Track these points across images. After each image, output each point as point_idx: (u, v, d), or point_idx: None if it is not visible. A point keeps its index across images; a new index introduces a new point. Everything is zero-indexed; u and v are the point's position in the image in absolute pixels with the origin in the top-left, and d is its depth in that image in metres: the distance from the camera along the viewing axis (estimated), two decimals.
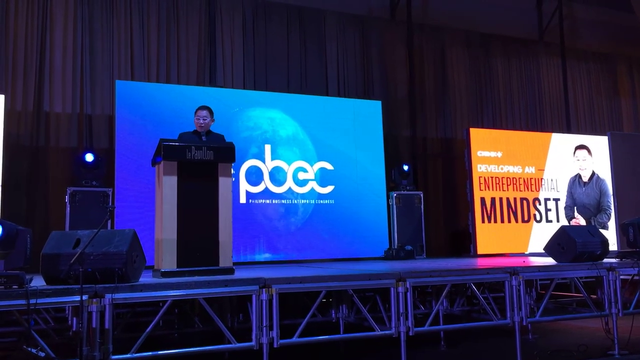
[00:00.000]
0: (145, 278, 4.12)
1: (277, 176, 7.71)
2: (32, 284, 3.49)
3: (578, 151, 9.50)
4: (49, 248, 3.73)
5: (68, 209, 6.39)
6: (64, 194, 6.48)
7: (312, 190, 7.87)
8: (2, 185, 6.21)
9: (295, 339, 4.17)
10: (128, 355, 3.65)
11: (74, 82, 7.34)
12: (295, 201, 7.75)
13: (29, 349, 3.49)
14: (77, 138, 7.27)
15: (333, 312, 5.64)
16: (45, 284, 3.67)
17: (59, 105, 7.25)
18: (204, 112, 5.06)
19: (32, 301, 3.34)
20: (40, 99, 7.16)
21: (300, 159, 7.88)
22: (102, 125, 7.41)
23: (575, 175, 9.40)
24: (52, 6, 7.33)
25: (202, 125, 5.03)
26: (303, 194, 7.81)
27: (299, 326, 4.23)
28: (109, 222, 6.17)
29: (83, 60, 7.40)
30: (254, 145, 7.66)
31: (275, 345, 4.00)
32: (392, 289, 4.47)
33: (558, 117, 10.69)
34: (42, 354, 3.46)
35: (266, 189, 7.62)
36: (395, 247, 7.88)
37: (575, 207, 9.28)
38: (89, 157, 6.64)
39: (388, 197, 8.22)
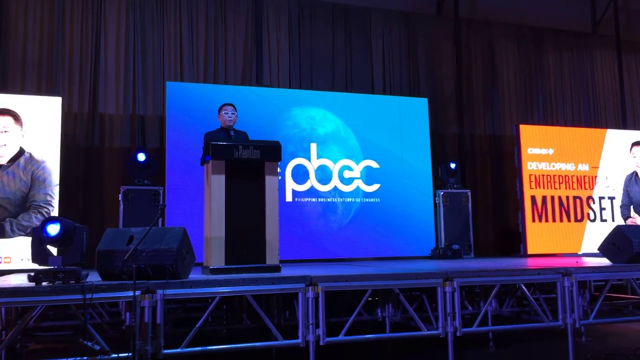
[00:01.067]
0: (195, 275, 4.22)
1: (322, 174, 7.74)
2: (88, 280, 3.63)
3: (635, 147, 9.13)
4: (104, 245, 3.86)
5: (121, 206, 6.60)
6: (117, 192, 6.71)
7: (358, 188, 7.86)
8: (59, 184, 6.48)
9: (341, 337, 4.18)
10: (179, 350, 3.75)
11: (127, 84, 7.58)
12: (341, 199, 7.76)
13: (85, 342, 3.62)
14: (129, 138, 7.51)
15: (379, 310, 5.63)
16: (100, 279, 3.81)
17: (113, 106, 7.50)
18: (231, 108, 5.14)
19: (88, 296, 3.47)
20: (95, 101, 7.43)
21: (346, 157, 7.88)
22: (154, 126, 7.62)
23: (632, 173, 9.05)
24: (105, 12, 7.59)
25: (231, 120, 5.10)
26: (349, 192, 7.81)
27: (345, 324, 4.24)
28: (160, 219, 6.37)
29: (135, 63, 7.64)
30: (299, 143, 7.71)
31: (321, 343, 4.03)
32: (439, 288, 4.42)
33: (614, 112, 10.31)
34: (97, 347, 3.59)
35: (312, 188, 7.66)
36: (442, 246, 7.79)
37: (631, 206, 8.93)
38: (141, 157, 6.83)
39: (435, 195, 8.12)
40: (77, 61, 7.42)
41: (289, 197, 7.52)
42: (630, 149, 9.13)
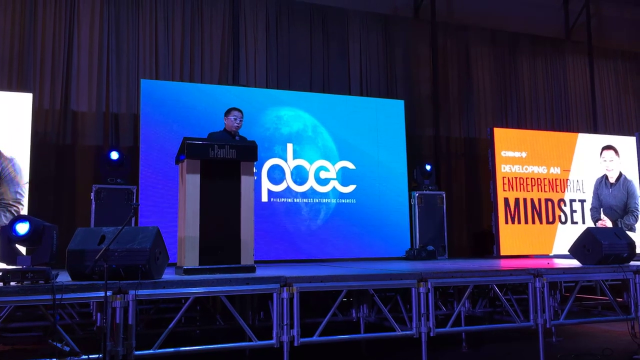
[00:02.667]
0: (168, 275, 4.17)
1: (299, 175, 7.73)
2: (57, 280, 3.56)
3: (605, 152, 9.33)
4: (75, 244, 3.79)
5: (93, 206, 6.49)
6: (89, 191, 6.59)
7: (334, 189, 7.87)
8: (29, 183, 6.34)
9: (315, 338, 4.18)
10: (151, 351, 3.70)
11: (100, 81, 7.46)
12: (317, 200, 7.76)
13: (54, 343, 3.55)
14: (102, 136, 7.39)
15: (354, 311, 5.64)
16: (70, 279, 3.74)
17: (85, 104, 7.37)
18: (240, 114, 5.19)
19: (58, 296, 3.40)
20: (67, 97, 7.30)
21: (322, 158, 7.88)
22: (127, 124, 7.51)
23: (602, 176, 9.24)
24: (79, 7, 7.46)
25: (238, 126, 5.14)
26: (325, 193, 7.81)
27: (319, 325, 4.24)
28: (133, 219, 6.29)
29: (109, 60, 7.52)
30: (276, 144, 7.68)
31: (295, 344, 4.01)
32: (413, 289, 4.44)
33: (585, 116, 10.52)
34: (67, 349, 3.52)
35: (288, 188, 7.64)
36: (417, 247, 7.84)
37: (601, 209, 9.12)
38: (114, 155, 6.73)
39: (410, 196, 8.17)
40: (49, 57, 7.27)
41: (264, 198, 7.49)
42: (601, 153, 9.32)
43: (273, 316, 4.04)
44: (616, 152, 9.38)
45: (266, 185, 7.52)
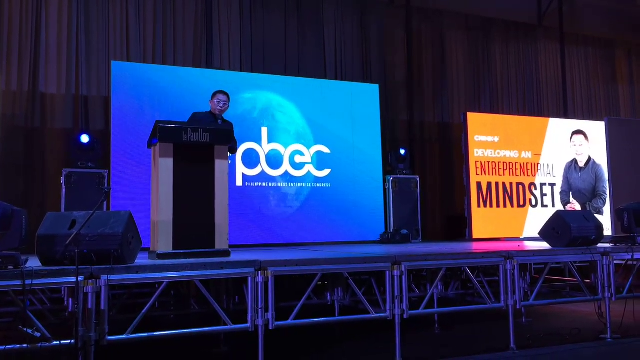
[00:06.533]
0: (141, 260, 4.13)
1: (273, 159, 7.69)
2: (27, 265, 3.49)
3: (575, 136, 9.51)
4: (45, 229, 3.72)
5: (64, 190, 6.38)
6: (59, 175, 6.47)
7: (309, 173, 7.87)
8: None
9: (290, 321, 4.19)
10: (124, 336, 3.66)
11: (69, 62, 7.28)
12: (292, 184, 7.75)
13: (25, 329, 3.49)
14: (72, 119, 7.24)
15: (328, 294, 5.67)
16: (40, 264, 3.67)
17: (54, 86, 7.20)
18: (225, 97, 5.23)
19: (28, 282, 3.33)
20: (36, 79, 7.11)
21: (297, 142, 7.86)
22: (98, 107, 7.37)
23: (572, 161, 9.42)
24: None
25: (222, 109, 5.17)
26: (299, 177, 7.80)
27: (294, 308, 4.25)
28: (105, 203, 6.20)
29: (79, 41, 7.34)
30: (250, 127, 7.63)
31: (270, 327, 4.02)
32: (387, 272, 4.48)
33: (556, 102, 10.68)
34: (38, 335, 3.46)
35: (263, 172, 7.61)
36: (391, 230, 7.91)
37: (570, 192, 9.31)
38: (85, 139, 6.62)
39: (384, 181, 8.22)
40: (16, 37, 7.06)
41: (239, 182, 7.45)
42: (571, 138, 9.49)
43: (248, 300, 4.03)
44: (586, 136, 9.56)
45: (241, 169, 7.48)
